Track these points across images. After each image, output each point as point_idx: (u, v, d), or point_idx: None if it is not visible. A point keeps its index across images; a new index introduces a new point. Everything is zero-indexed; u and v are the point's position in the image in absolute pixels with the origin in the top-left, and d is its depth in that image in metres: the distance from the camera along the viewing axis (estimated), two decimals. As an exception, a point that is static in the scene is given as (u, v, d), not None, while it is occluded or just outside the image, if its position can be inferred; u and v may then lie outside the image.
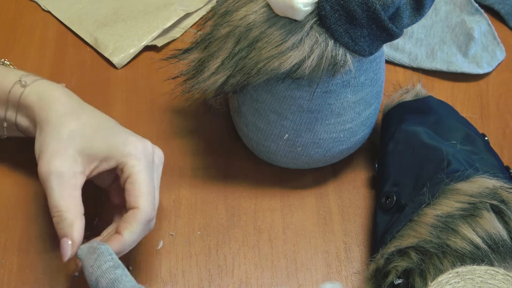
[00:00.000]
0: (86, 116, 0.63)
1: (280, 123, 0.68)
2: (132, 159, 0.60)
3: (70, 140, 0.60)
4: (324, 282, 0.68)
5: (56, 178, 0.59)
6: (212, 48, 0.65)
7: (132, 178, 0.59)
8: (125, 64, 0.83)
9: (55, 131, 0.60)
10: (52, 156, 0.59)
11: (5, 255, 0.66)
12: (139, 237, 0.60)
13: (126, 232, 0.59)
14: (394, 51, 0.87)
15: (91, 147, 0.60)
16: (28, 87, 0.63)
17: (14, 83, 0.64)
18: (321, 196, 0.74)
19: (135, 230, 0.59)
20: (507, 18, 0.92)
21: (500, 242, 0.60)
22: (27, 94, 0.63)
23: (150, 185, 0.60)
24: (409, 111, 0.74)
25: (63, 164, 0.59)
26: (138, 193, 0.59)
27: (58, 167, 0.59)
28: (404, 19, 0.63)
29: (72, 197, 0.59)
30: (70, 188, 0.59)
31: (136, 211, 0.59)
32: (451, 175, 0.63)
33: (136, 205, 0.59)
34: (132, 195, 0.59)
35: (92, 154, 0.60)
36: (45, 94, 0.63)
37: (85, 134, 0.61)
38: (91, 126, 0.62)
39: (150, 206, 0.60)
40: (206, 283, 0.67)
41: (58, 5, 0.88)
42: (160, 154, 0.64)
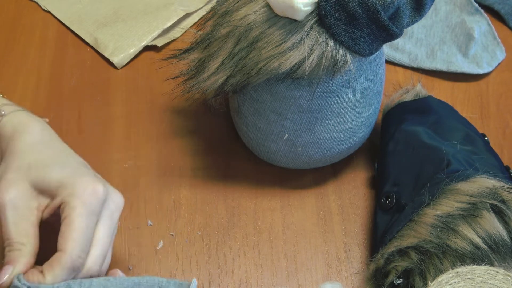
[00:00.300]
0: (50, 150, 0.60)
1: (280, 123, 0.68)
2: (75, 200, 0.55)
3: (27, 171, 0.57)
4: (324, 282, 0.68)
5: (11, 210, 0.56)
6: (212, 48, 0.65)
7: (68, 219, 0.55)
8: (125, 64, 0.83)
9: (15, 162, 0.58)
10: (7, 187, 0.56)
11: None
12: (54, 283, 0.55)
13: (47, 275, 0.55)
14: (394, 51, 0.87)
15: (43, 181, 0.57)
16: (6, 117, 0.61)
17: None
18: (321, 196, 0.74)
19: (58, 274, 0.55)
20: (507, 18, 0.92)
21: (500, 242, 0.60)
22: (3, 125, 0.61)
23: (86, 232, 0.55)
24: (409, 111, 0.74)
25: (18, 196, 0.56)
26: (68, 236, 0.55)
27: (13, 199, 0.56)
28: (404, 19, 0.63)
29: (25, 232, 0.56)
30: (25, 223, 0.56)
31: (61, 254, 0.55)
32: (451, 175, 0.63)
33: (62, 248, 0.55)
34: (63, 237, 0.55)
35: (44, 189, 0.57)
36: (19, 125, 0.61)
37: (43, 166, 0.58)
38: (52, 160, 0.59)
39: (78, 252, 0.55)
40: (206, 283, 0.67)
41: (58, 5, 0.88)
42: (118, 200, 0.59)
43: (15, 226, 0.56)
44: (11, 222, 0.56)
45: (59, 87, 0.81)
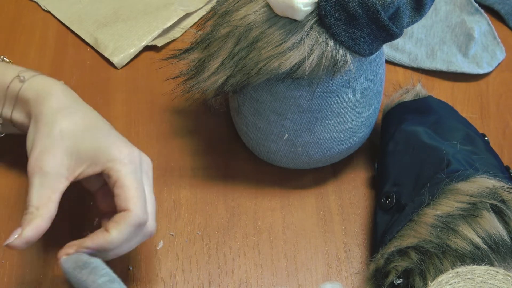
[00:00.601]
0: (79, 115, 0.62)
1: (280, 123, 0.68)
2: (117, 164, 0.59)
3: (59, 140, 0.59)
4: (324, 282, 0.68)
5: (39, 177, 0.58)
6: (212, 48, 0.65)
7: (119, 182, 0.58)
8: (125, 64, 0.83)
9: (46, 128, 0.60)
10: (40, 154, 0.58)
11: (5, 255, 0.66)
12: (127, 239, 0.58)
13: (113, 230, 0.57)
14: (394, 51, 0.87)
15: (78, 150, 0.59)
16: (26, 82, 0.63)
17: (13, 78, 0.63)
18: (321, 196, 0.74)
19: (123, 231, 0.57)
20: (507, 18, 0.92)
21: (500, 242, 0.60)
22: (25, 89, 0.62)
23: (139, 188, 0.59)
24: (409, 111, 0.74)
25: (49, 164, 0.58)
26: (127, 196, 0.58)
27: (44, 167, 0.58)
28: (404, 19, 0.63)
29: (49, 199, 0.58)
30: (50, 190, 0.58)
31: (127, 213, 0.58)
32: (451, 175, 0.63)
33: (127, 208, 0.58)
34: (122, 198, 0.58)
35: (79, 158, 0.59)
36: (42, 89, 0.62)
37: (75, 135, 0.60)
38: (82, 127, 0.61)
39: (141, 209, 0.58)
40: (206, 283, 0.67)
41: (58, 5, 0.88)
42: (148, 161, 0.63)
43: (38, 192, 0.58)
44: (36, 188, 0.58)
45: (59, 87, 0.81)
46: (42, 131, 0.60)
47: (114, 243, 0.58)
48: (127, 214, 0.58)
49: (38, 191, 0.58)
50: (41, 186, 0.58)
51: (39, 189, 0.58)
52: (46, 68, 0.82)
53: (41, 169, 0.58)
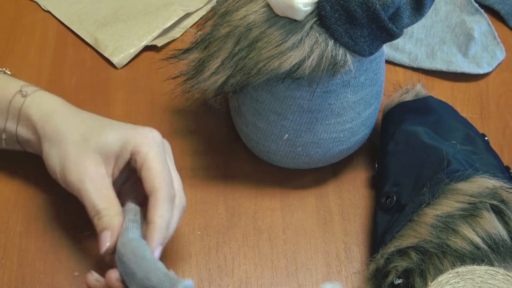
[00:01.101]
0: (88, 119, 0.64)
1: (280, 123, 0.68)
2: (144, 147, 0.60)
3: (85, 143, 0.61)
4: (324, 282, 0.68)
5: (90, 183, 0.59)
6: (212, 48, 0.65)
7: (146, 165, 0.60)
8: (125, 64, 0.83)
9: (68, 139, 0.61)
10: (78, 163, 0.60)
11: (5, 255, 0.66)
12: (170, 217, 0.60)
13: (156, 218, 0.59)
14: (394, 51, 0.87)
15: (105, 144, 0.61)
16: (28, 98, 0.64)
17: (15, 93, 0.64)
18: (321, 196, 0.74)
19: (163, 211, 0.59)
20: (507, 18, 0.92)
21: (500, 242, 0.60)
22: (27, 106, 0.64)
23: (165, 168, 0.61)
24: (409, 111, 0.74)
25: (91, 168, 0.60)
26: (154, 177, 0.59)
27: (88, 173, 0.60)
28: (404, 19, 0.63)
29: (108, 197, 0.60)
30: (104, 189, 0.60)
31: (156, 193, 0.59)
32: (451, 175, 0.63)
33: (153, 188, 0.59)
34: (149, 180, 0.59)
35: (108, 152, 0.61)
36: (44, 106, 0.64)
37: (95, 134, 0.61)
38: (98, 125, 0.63)
39: (167, 184, 0.60)
40: (206, 283, 0.67)
41: (58, 5, 0.88)
42: (168, 143, 0.65)
43: (97, 195, 0.59)
44: (93, 192, 0.59)
45: (59, 87, 0.81)
46: (65, 143, 0.61)
47: (164, 226, 0.59)
48: (157, 194, 0.59)
49: (95, 195, 0.59)
50: (96, 189, 0.59)
51: (96, 193, 0.59)
52: (46, 68, 0.82)
53: (87, 177, 0.59)
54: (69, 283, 0.65)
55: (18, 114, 0.64)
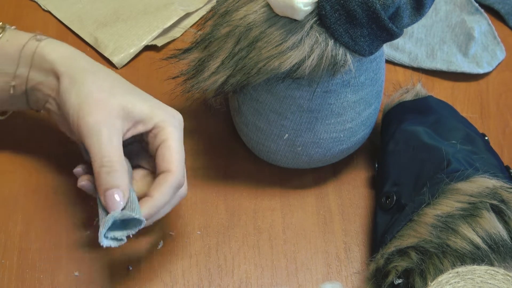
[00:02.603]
0: (115, 75, 0.62)
1: (280, 123, 0.68)
2: (170, 126, 0.60)
3: (112, 95, 0.59)
4: (324, 282, 0.68)
5: (106, 129, 0.57)
6: (212, 48, 0.65)
7: (167, 143, 0.59)
8: (125, 64, 0.83)
9: (93, 82, 0.59)
10: (99, 108, 0.57)
11: (5, 255, 0.66)
12: (169, 201, 0.59)
13: (156, 193, 0.58)
14: (394, 51, 0.87)
15: (133, 105, 0.59)
16: (44, 41, 0.62)
17: (29, 38, 0.62)
18: (321, 196, 0.74)
19: (166, 192, 0.58)
20: (507, 18, 0.92)
21: (500, 242, 0.60)
22: (43, 47, 0.61)
23: (182, 152, 0.60)
24: (409, 111, 0.74)
25: (110, 117, 0.57)
26: (172, 158, 0.59)
27: (106, 119, 0.57)
28: (404, 18, 0.63)
29: (120, 150, 0.58)
30: (117, 141, 0.58)
31: (168, 175, 0.59)
32: (451, 175, 0.63)
33: (169, 169, 0.59)
34: (166, 160, 0.59)
35: (132, 113, 0.59)
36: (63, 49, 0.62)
37: (123, 91, 0.60)
38: (126, 85, 0.61)
39: (182, 171, 0.60)
40: (206, 283, 0.67)
41: (58, 5, 0.88)
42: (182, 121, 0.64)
43: (110, 145, 0.57)
44: (106, 141, 0.57)
45: (59, 87, 0.81)
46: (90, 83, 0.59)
47: (158, 206, 0.58)
48: (169, 176, 0.59)
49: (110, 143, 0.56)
50: (111, 140, 0.57)
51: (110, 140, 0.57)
52: (46, 68, 0.82)
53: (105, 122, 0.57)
54: (69, 283, 0.65)
55: (31, 57, 0.61)
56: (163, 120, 0.60)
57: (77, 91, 0.59)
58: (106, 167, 0.56)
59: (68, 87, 0.59)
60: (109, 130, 0.57)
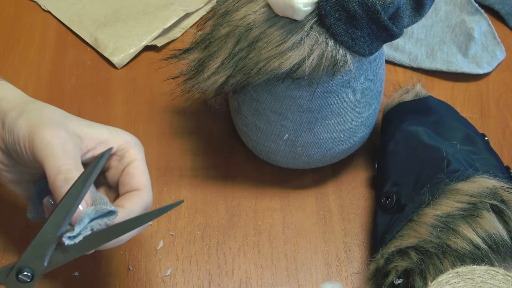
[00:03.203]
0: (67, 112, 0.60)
1: (280, 123, 0.68)
2: (134, 147, 0.59)
3: (66, 118, 0.57)
4: (324, 282, 0.68)
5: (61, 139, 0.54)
6: (212, 48, 0.65)
7: (136, 163, 0.58)
8: (125, 64, 0.83)
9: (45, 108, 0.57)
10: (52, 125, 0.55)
11: (5, 255, 0.66)
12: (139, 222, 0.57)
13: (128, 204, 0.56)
14: (394, 51, 0.87)
15: (90, 127, 0.58)
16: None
17: None
18: (321, 196, 0.74)
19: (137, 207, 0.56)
20: (507, 18, 0.92)
21: (500, 242, 0.60)
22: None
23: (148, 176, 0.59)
24: (409, 111, 0.74)
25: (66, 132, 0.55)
26: (143, 178, 0.58)
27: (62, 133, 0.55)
28: (404, 19, 0.63)
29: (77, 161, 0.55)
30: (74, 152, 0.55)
31: (141, 192, 0.57)
32: (451, 175, 0.63)
33: (140, 188, 0.57)
34: (136, 179, 0.58)
35: (92, 135, 0.57)
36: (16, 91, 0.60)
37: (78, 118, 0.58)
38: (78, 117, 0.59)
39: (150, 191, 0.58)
40: (206, 283, 0.67)
41: (58, 5, 0.88)
42: None
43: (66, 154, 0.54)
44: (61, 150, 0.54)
45: (59, 87, 0.81)
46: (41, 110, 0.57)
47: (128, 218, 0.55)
48: (141, 193, 0.57)
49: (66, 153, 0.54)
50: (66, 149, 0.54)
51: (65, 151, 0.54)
52: (46, 68, 0.82)
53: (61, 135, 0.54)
54: (69, 283, 0.65)
55: None
56: (127, 142, 0.59)
57: (26, 117, 0.56)
58: (63, 174, 0.53)
59: (15, 117, 0.56)
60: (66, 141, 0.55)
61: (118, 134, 0.59)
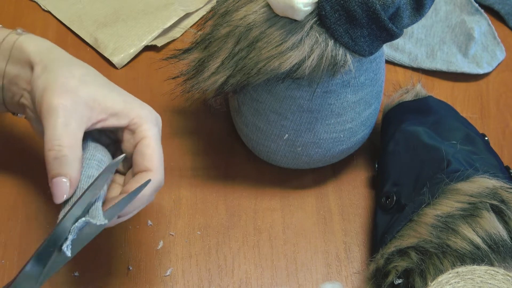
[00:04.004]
0: (92, 69, 0.60)
1: (280, 123, 0.68)
2: (147, 123, 0.57)
3: (82, 83, 0.56)
4: (324, 282, 0.68)
5: (64, 111, 0.53)
6: (212, 48, 0.65)
7: (147, 141, 0.57)
8: (125, 64, 0.83)
9: (65, 69, 0.56)
10: (63, 91, 0.54)
11: (5, 255, 0.66)
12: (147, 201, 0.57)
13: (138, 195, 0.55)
14: (394, 51, 0.87)
15: (105, 97, 0.57)
16: (24, 36, 0.60)
17: (9, 33, 0.61)
18: (321, 196, 0.74)
19: (148, 192, 0.55)
20: (507, 18, 0.92)
21: (500, 242, 0.60)
22: (22, 40, 0.59)
23: (161, 153, 0.58)
24: (409, 111, 0.74)
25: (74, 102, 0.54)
26: (153, 157, 0.56)
27: (69, 103, 0.54)
28: (404, 19, 0.63)
29: (76, 136, 0.54)
30: (76, 127, 0.54)
31: (150, 174, 0.56)
32: (451, 175, 0.63)
33: (150, 168, 0.56)
34: (146, 158, 0.56)
35: (105, 105, 0.56)
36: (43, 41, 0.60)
37: (98, 83, 0.58)
38: (103, 79, 0.59)
39: (162, 171, 0.57)
40: (206, 283, 0.67)
41: (58, 5, 0.88)
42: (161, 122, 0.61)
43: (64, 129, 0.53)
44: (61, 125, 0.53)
45: (59, 87, 0.80)
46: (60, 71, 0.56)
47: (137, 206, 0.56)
48: (150, 175, 0.56)
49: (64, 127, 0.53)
50: (67, 123, 0.53)
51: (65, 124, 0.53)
52: (46, 68, 0.82)
53: (65, 105, 0.54)
54: (69, 283, 0.65)
55: (10, 50, 0.59)
56: (140, 116, 0.57)
57: (45, 76, 0.56)
58: (54, 151, 0.52)
59: (39, 74, 0.57)
60: (69, 114, 0.53)
61: (132, 108, 0.58)
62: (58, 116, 0.53)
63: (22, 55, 0.59)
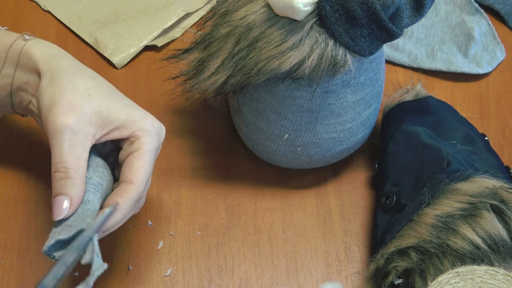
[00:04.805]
0: (98, 78, 0.61)
1: (280, 123, 0.68)
2: (146, 136, 0.59)
3: (87, 97, 0.57)
4: (324, 282, 0.68)
5: (70, 134, 0.55)
6: (212, 48, 0.65)
7: (140, 153, 0.58)
8: (125, 64, 0.83)
9: (70, 83, 0.58)
10: (68, 110, 0.56)
11: (5, 255, 0.66)
12: (127, 214, 0.58)
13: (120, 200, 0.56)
14: (394, 51, 0.87)
15: (109, 111, 0.58)
16: (31, 41, 0.61)
17: (16, 38, 0.61)
18: (321, 196, 0.74)
19: (125, 206, 0.57)
20: (507, 18, 0.92)
21: (500, 242, 0.60)
22: (30, 46, 0.60)
23: (150, 167, 0.59)
24: (409, 111, 0.74)
25: (79, 121, 0.56)
26: (139, 170, 0.58)
27: (74, 123, 0.55)
28: (404, 19, 0.63)
29: (81, 158, 0.56)
30: (81, 148, 0.56)
31: (130, 187, 0.57)
32: (451, 175, 0.63)
33: (132, 180, 0.57)
34: (132, 170, 0.57)
35: (108, 119, 0.58)
36: (48, 48, 0.61)
37: (102, 96, 0.59)
38: (107, 90, 0.60)
39: (144, 185, 0.58)
40: (206, 283, 0.67)
41: (58, 5, 0.88)
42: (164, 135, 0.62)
43: (70, 151, 0.55)
44: (67, 147, 0.55)
45: (59, 87, 0.80)
46: (65, 86, 0.57)
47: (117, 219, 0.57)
48: (130, 188, 0.57)
49: (70, 149, 0.55)
50: (72, 143, 0.55)
51: (71, 146, 0.55)
52: (46, 68, 0.82)
53: (71, 126, 0.55)
54: (69, 283, 0.65)
55: (18, 56, 0.60)
56: (141, 129, 0.59)
57: (52, 91, 0.58)
58: (60, 172, 0.55)
59: (46, 86, 0.58)
60: (75, 136, 0.56)
61: (135, 121, 0.59)
62: (64, 139, 0.55)
63: (30, 62, 0.60)
